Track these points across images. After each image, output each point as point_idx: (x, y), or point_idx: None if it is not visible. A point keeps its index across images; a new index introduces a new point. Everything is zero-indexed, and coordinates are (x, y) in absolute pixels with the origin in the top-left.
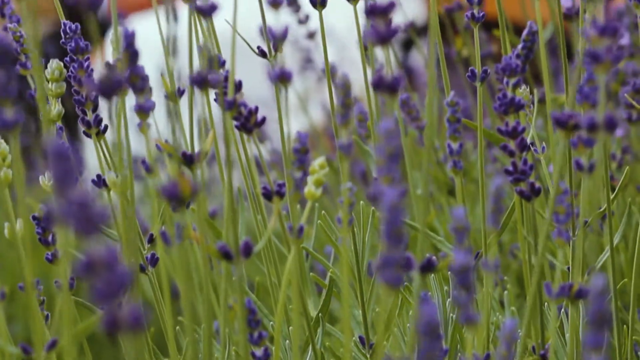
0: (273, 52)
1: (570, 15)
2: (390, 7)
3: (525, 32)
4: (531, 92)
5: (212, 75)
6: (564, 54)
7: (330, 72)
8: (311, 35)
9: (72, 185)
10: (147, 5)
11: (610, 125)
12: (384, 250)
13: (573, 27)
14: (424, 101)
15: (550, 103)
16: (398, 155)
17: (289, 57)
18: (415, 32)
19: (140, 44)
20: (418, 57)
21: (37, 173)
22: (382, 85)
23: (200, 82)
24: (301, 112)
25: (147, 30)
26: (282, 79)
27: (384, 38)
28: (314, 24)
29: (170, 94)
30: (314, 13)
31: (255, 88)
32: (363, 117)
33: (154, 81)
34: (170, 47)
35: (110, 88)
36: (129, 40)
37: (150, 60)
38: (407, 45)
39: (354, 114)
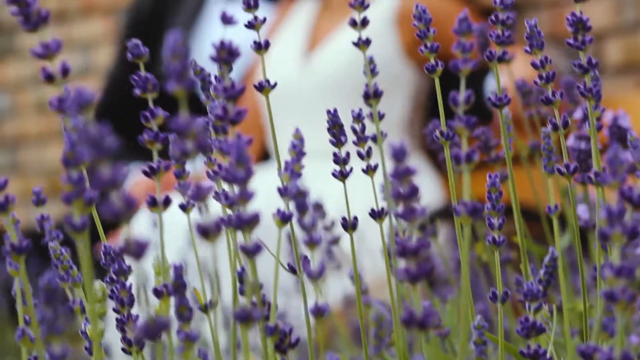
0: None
1: (587, 228)
2: (422, 247)
3: (547, 258)
4: (549, 302)
5: (255, 312)
6: (581, 270)
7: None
8: (336, 241)
9: None
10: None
11: None
12: None
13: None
14: (444, 305)
15: (568, 312)
16: None
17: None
18: (432, 220)
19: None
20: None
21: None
22: (413, 323)
23: (245, 318)
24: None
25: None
26: (317, 314)
27: (415, 278)
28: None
29: (203, 306)
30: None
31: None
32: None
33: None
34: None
35: (156, 332)
36: (178, 273)
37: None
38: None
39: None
